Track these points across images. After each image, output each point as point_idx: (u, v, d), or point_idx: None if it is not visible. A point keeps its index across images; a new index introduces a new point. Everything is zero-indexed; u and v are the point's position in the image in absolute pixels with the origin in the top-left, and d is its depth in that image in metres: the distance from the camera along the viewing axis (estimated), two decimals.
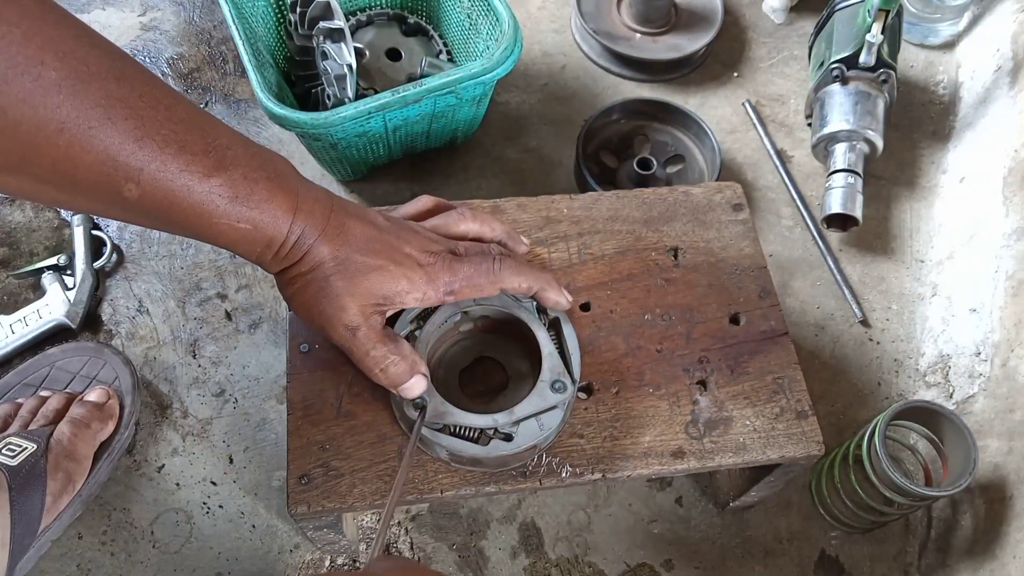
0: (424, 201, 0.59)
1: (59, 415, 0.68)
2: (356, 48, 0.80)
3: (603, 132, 0.92)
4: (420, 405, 0.52)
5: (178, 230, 0.47)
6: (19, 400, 0.70)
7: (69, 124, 0.39)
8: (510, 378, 0.58)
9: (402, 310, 0.55)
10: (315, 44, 0.83)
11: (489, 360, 0.59)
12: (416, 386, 0.52)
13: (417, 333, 0.56)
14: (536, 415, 0.53)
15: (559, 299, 0.56)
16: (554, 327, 0.57)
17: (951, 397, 0.78)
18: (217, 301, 0.82)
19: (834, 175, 0.85)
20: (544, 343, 0.55)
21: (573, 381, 0.55)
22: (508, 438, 0.52)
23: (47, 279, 0.80)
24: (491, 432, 0.53)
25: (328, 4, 0.80)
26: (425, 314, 0.56)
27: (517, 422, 0.52)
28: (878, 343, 0.84)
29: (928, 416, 0.67)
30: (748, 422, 0.57)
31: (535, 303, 0.57)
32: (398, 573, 0.45)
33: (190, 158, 0.43)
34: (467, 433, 0.53)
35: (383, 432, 0.55)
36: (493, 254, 0.55)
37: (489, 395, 0.58)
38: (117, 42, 0.98)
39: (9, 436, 0.63)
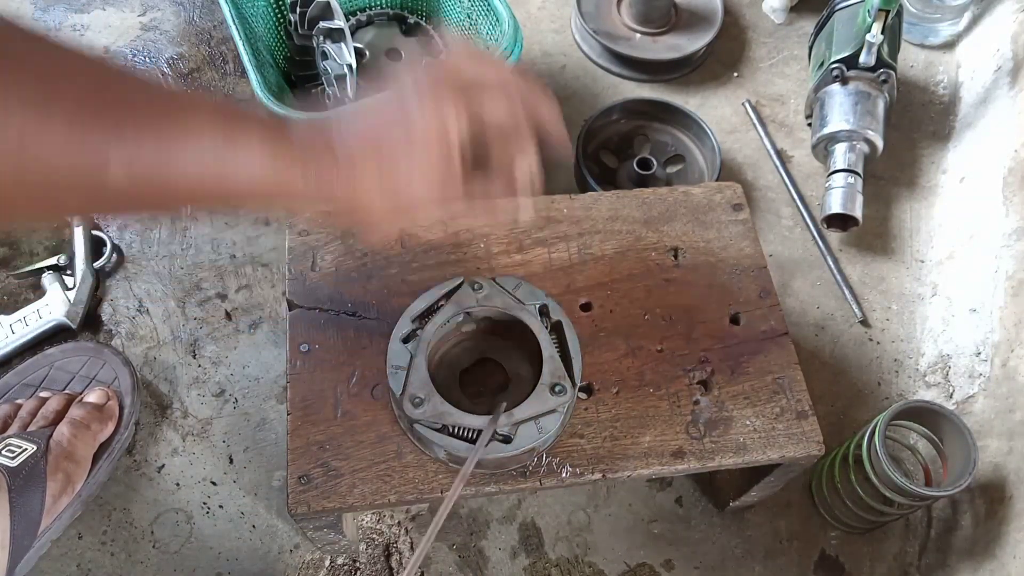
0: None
1: (59, 416, 0.68)
2: (356, 48, 0.80)
3: (603, 132, 0.92)
4: (493, 418, 0.52)
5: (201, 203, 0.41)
6: (19, 401, 0.70)
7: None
8: (510, 380, 0.58)
9: (403, 310, 0.55)
10: (315, 44, 0.83)
11: (490, 361, 0.59)
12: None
13: (419, 332, 0.56)
14: (535, 418, 0.53)
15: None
16: (556, 330, 0.57)
17: (951, 397, 0.78)
18: (217, 301, 0.82)
19: (834, 175, 0.85)
20: (545, 346, 0.55)
21: (573, 384, 0.54)
22: (507, 440, 0.52)
23: (47, 279, 0.80)
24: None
25: (328, 4, 0.80)
26: (427, 314, 0.56)
27: (516, 424, 0.52)
28: (878, 343, 0.83)
29: (928, 416, 0.67)
30: (748, 422, 0.57)
31: (538, 306, 0.57)
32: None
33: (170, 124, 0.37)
34: (466, 434, 0.53)
35: (383, 432, 0.55)
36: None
37: (489, 396, 0.58)
38: (116, 43, 0.99)
39: (9, 437, 0.63)
